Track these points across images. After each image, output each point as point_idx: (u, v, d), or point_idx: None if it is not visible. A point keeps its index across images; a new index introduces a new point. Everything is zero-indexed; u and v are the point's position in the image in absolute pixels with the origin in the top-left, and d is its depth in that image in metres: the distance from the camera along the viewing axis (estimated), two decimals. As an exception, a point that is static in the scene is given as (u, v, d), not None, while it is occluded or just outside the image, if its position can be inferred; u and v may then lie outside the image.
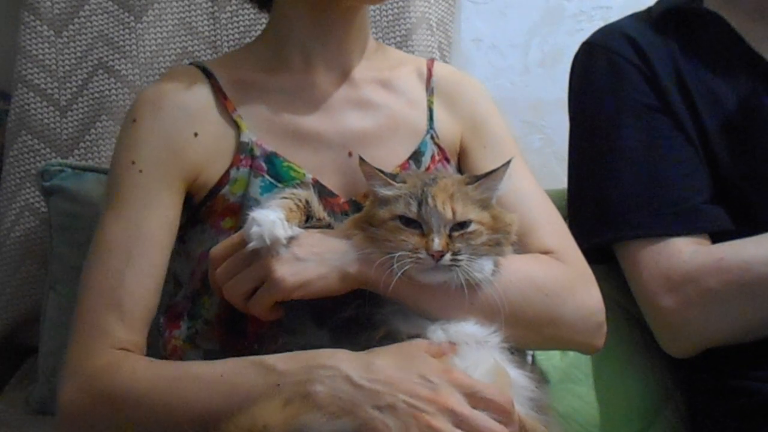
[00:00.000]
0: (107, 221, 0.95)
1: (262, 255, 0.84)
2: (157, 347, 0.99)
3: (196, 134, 0.98)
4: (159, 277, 0.94)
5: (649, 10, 1.25)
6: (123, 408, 0.84)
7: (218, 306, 0.95)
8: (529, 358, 1.21)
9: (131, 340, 0.90)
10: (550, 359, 1.23)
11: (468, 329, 0.85)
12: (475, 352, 0.83)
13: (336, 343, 0.84)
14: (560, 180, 1.57)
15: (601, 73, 1.19)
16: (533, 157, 1.64)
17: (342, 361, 0.79)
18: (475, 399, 0.78)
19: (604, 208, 1.14)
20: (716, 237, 1.09)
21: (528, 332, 0.90)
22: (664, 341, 1.12)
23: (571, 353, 1.22)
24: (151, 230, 0.94)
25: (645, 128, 1.14)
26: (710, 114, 1.13)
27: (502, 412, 0.78)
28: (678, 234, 1.08)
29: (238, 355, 0.86)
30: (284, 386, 0.78)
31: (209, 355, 0.93)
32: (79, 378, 0.87)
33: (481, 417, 0.76)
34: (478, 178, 0.86)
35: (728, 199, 1.11)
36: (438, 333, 0.84)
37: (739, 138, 1.11)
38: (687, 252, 1.07)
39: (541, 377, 1.21)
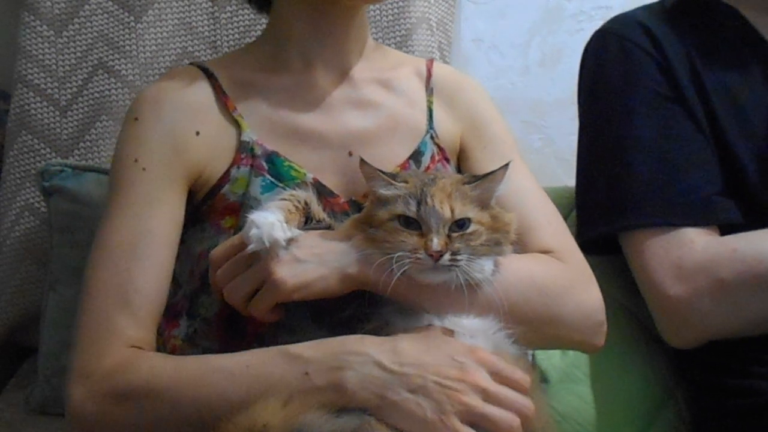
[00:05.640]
0: (111, 219, 0.94)
1: (261, 257, 0.84)
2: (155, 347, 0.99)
3: (197, 133, 0.98)
4: (166, 274, 0.94)
5: (662, 1, 1.24)
6: (144, 405, 0.83)
7: (218, 305, 0.94)
8: (529, 358, 1.21)
9: (142, 338, 0.90)
10: (550, 359, 1.24)
11: (466, 323, 0.85)
12: (473, 339, 0.85)
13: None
14: (560, 180, 1.58)
15: (614, 60, 1.18)
16: (533, 157, 1.64)
17: (370, 346, 0.80)
18: (499, 377, 0.80)
19: (614, 197, 1.13)
20: (725, 230, 1.08)
21: (528, 331, 0.89)
22: (667, 332, 1.11)
23: (571, 352, 1.22)
24: (157, 227, 0.94)
25: (658, 117, 1.13)
26: (723, 106, 1.12)
27: (520, 389, 0.81)
28: (689, 224, 1.07)
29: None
30: (313, 373, 0.79)
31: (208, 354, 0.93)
32: (91, 379, 0.86)
33: (507, 392, 0.79)
34: (476, 179, 0.86)
35: (739, 192, 1.10)
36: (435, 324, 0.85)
37: (751, 131, 1.11)
38: (699, 242, 1.06)
39: (540, 376, 1.22)
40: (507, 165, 0.86)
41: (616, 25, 1.22)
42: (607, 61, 1.20)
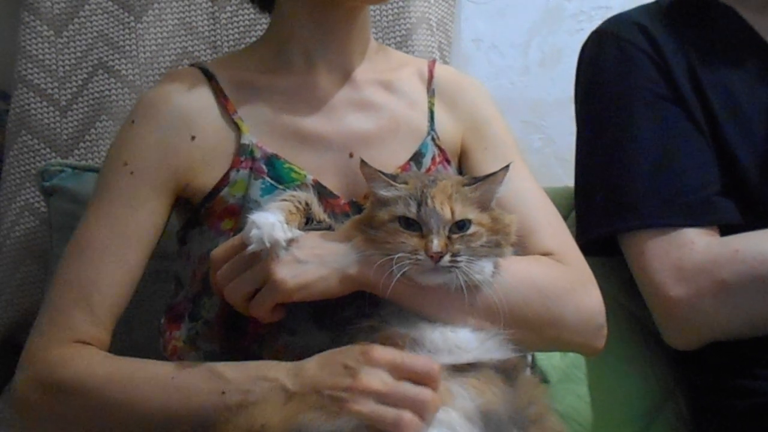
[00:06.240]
0: (91, 217, 0.96)
1: (262, 257, 0.84)
2: (155, 348, 0.99)
3: (193, 137, 0.98)
4: (133, 277, 0.96)
5: (659, 1, 1.24)
6: (74, 400, 0.86)
7: (219, 307, 0.95)
8: (529, 358, 1.21)
9: (95, 336, 0.91)
10: (550, 359, 1.24)
11: (464, 337, 0.84)
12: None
13: (336, 343, 0.84)
14: (560, 180, 1.58)
15: (611, 61, 1.18)
16: (533, 157, 1.64)
17: (281, 371, 0.82)
18: (399, 371, 0.79)
19: (613, 198, 1.13)
20: (725, 230, 1.08)
21: (528, 334, 0.89)
22: (668, 333, 1.10)
23: (571, 353, 1.22)
24: (133, 231, 0.95)
25: (656, 117, 1.13)
26: (722, 106, 1.12)
27: (428, 379, 0.79)
28: (689, 225, 1.07)
29: (238, 357, 0.87)
30: (228, 394, 0.82)
31: (209, 357, 0.93)
32: (33, 368, 0.89)
33: (402, 388, 0.77)
34: (477, 180, 0.86)
35: (739, 192, 1.10)
36: (437, 338, 0.84)
37: (750, 131, 1.11)
38: (700, 243, 1.06)
39: (541, 377, 1.22)
40: (507, 167, 0.86)
41: (613, 26, 1.22)
42: (604, 62, 1.20)
